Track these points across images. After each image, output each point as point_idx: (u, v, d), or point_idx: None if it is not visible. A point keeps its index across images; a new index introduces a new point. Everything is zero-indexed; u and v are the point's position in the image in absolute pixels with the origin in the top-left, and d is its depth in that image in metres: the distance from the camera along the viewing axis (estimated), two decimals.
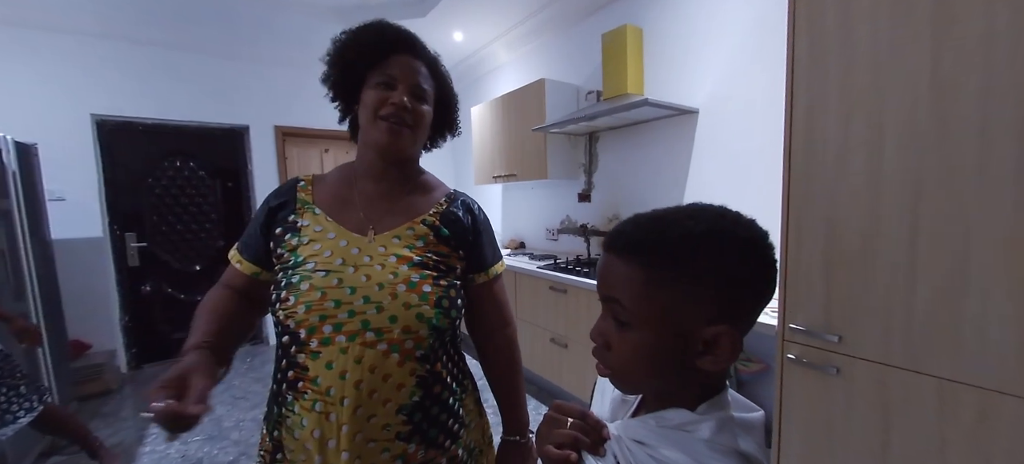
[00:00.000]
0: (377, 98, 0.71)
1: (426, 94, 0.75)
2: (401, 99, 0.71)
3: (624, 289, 0.42)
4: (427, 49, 0.79)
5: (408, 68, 0.73)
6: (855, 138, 0.99)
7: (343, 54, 0.75)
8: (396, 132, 0.72)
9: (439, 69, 0.81)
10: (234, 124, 3.44)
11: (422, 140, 0.79)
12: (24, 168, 2.20)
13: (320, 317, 0.65)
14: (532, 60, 3.30)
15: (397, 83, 0.72)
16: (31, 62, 2.74)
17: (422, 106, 0.75)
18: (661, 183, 2.37)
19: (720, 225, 0.42)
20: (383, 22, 0.75)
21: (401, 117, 0.71)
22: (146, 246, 3.24)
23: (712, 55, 2.08)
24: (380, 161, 0.76)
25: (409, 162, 0.80)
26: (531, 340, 2.63)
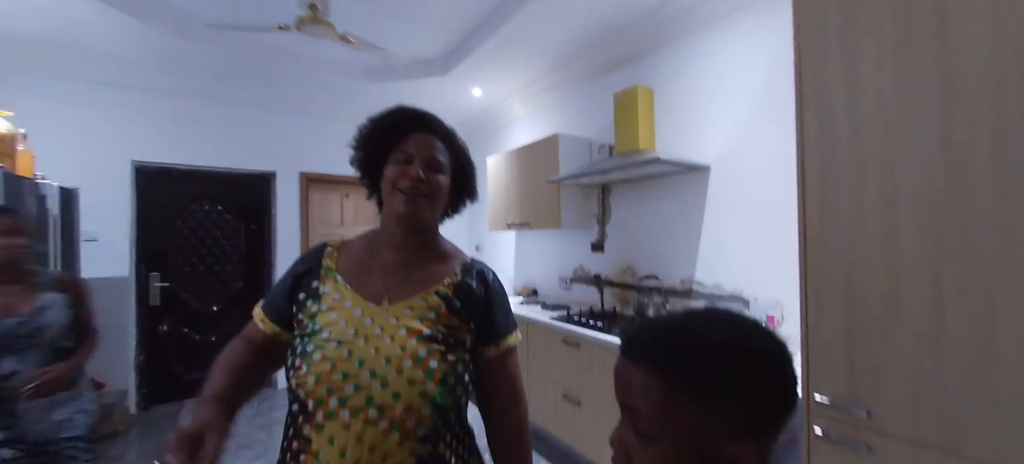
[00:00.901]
0: (396, 172, 0.76)
1: (442, 165, 0.79)
2: (417, 171, 0.75)
3: (642, 399, 0.41)
4: (442, 124, 0.84)
5: (423, 144, 0.78)
6: (869, 202, 0.99)
7: (367, 138, 0.81)
8: (413, 202, 0.75)
9: (455, 141, 0.85)
10: (263, 170, 3.62)
11: (440, 209, 0.82)
12: (65, 211, 2.33)
13: (328, 389, 0.66)
14: (546, 114, 3.43)
15: (413, 158, 0.77)
16: (80, 112, 2.97)
17: (437, 176, 0.78)
18: (675, 236, 2.37)
19: (738, 338, 0.41)
20: (401, 106, 0.82)
21: (418, 188, 0.75)
22: (168, 286, 3.33)
23: (722, 114, 2.13)
24: (400, 231, 0.79)
25: (428, 231, 0.83)
26: (542, 396, 2.54)
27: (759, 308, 1.97)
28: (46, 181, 2.18)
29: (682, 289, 2.32)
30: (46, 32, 2.55)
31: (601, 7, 2.32)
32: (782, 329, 1.87)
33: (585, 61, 2.89)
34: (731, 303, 2.09)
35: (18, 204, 1.89)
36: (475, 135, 4.47)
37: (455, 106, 3.92)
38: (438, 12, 2.52)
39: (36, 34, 2.57)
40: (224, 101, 3.46)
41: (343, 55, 3.01)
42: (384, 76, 3.34)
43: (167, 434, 2.86)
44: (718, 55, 2.16)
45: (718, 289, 2.15)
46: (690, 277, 2.28)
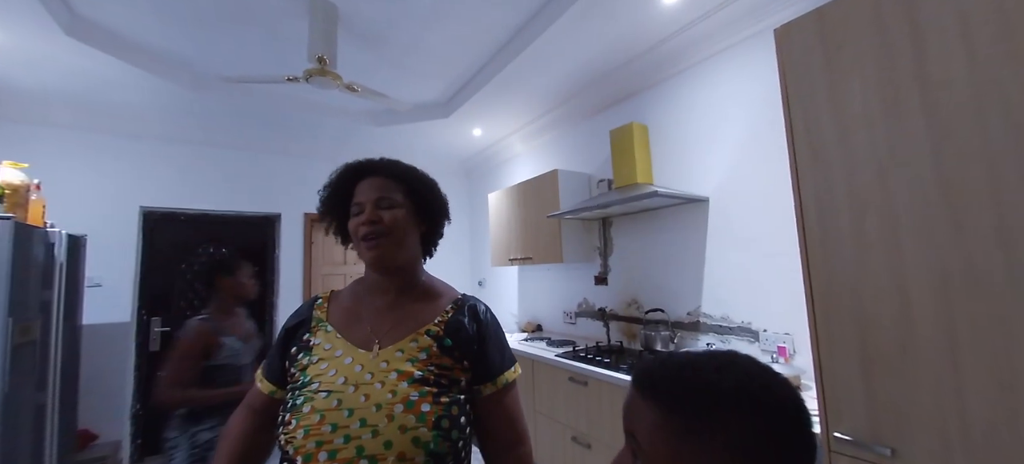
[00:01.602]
0: (353, 224, 0.78)
1: (392, 200, 0.79)
2: (368, 216, 0.76)
3: (641, 427, 0.42)
4: (387, 163, 0.84)
5: (369, 188, 0.79)
6: (870, 236, 1.00)
7: (327, 202, 0.84)
8: (374, 245, 0.76)
9: (401, 169, 0.83)
10: (268, 212, 3.67)
11: (408, 243, 0.80)
12: (71, 258, 2.35)
13: (316, 443, 0.64)
14: (545, 151, 3.51)
15: (364, 204, 0.78)
16: (92, 160, 3.06)
17: (388, 212, 0.77)
18: (678, 268, 2.36)
19: (748, 386, 0.40)
20: (347, 163, 0.84)
21: (374, 231, 0.76)
22: (169, 330, 3.29)
23: (717, 148, 2.18)
24: (379, 277, 0.80)
25: (407, 270, 0.82)
26: (551, 439, 2.46)
27: (768, 340, 1.93)
28: (55, 229, 2.21)
29: (689, 322, 2.29)
30: (64, 87, 2.66)
31: (595, 52, 2.42)
32: (794, 362, 1.83)
33: (581, 101, 2.98)
34: (739, 335, 2.06)
35: (26, 252, 1.91)
36: (476, 173, 4.55)
37: (456, 146, 4.02)
38: (439, 61, 2.64)
39: (54, 89, 2.69)
40: (232, 147, 3.56)
41: (347, 101, 3.12)
42: (387, 120, 3.44)
43: None
44: (710, 91, 2.23)
45: (726, 321, 2.12)
46: (696, 309, 2.26)
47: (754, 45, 2.03)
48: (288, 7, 2.07)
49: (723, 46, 2.15)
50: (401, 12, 2.15)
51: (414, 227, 0.82)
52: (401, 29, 2.30)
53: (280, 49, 2.42)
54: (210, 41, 2.35)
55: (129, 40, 2.32)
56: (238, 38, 2.32)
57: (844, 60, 1.05)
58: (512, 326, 3.83)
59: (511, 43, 2.44)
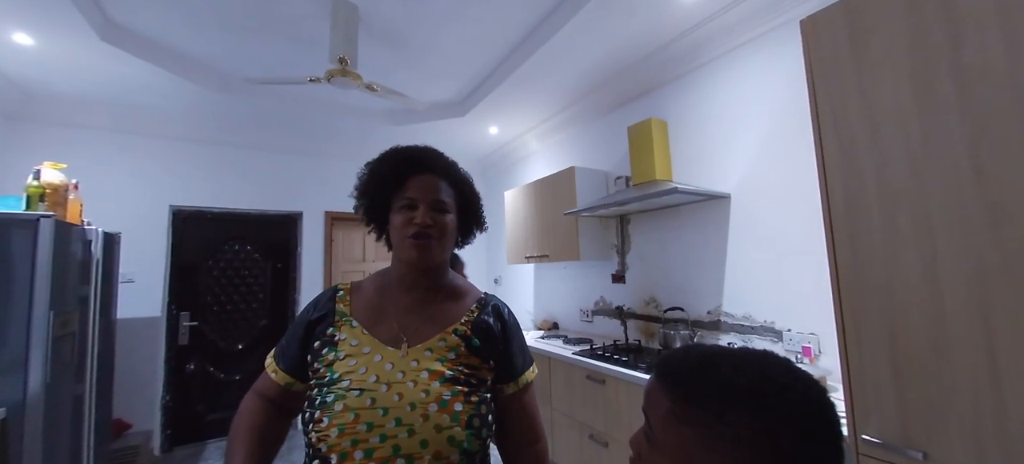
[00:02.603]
0: (403, 220, 0.76)
1: (446, 205, 0.78)
2: (424, 218, 0.75)
3: (654, 410, 0.44)
4: (442, 160, 0.82)
5: (425, 186, 0.77)
6: (903, 232, 0.97)
7: (368, 186, 0.81)
8: (424, 247, 0.75)
9: (457, 175, 0.83)
10: (290, 211, 3.77)
11: (450, 247, 0.81)
12: (106, 255, 2.46)
13: (352, 442, 0.64)
14: (561, 148, 3.50)
15: (418, 203, 0.76)
16: (124, 161, 3.19)
17: (444, 217, 0.78)
18: (698, 265, 2.33)
19: (762, 388, 0.39)
20: (397, 149, 0.81)
21: (426, 233, 0.75)
22: (197, 325, 3.41)
23: (739, 144, 2.14)
24: (411, 273, 0.79)
25: (439, 271, 0.82)
26: (566, 437, 2.46)
27: (793, 340, 1.89)
28: (91, 227, 2.31)
29: (709, 321, 2.26)
30: (99, 91, 2.78)
31: (613, 47, 2.40)
32: (820, 362, 1.78)
33: (598, 97, 2.96)
34: (762, 335, 2.02)
35: (65, 248, 2.00)
36: (492, 170, 4.57)
37: (472, 144, 4.04)
38: (456, 59, 2.66)
39: (90, 93, 2.81)
40: (256, 147, 3.66)
41: (367, 101, 3.17)
42: (404, 119, 3.49)
43: None
44: (731, 86, 2.19)
45: (748, 320, 2.09)
46: (717, 308, 2.22)
47: (777, 38, 1.98)
48: (310, 9, 2.11)
49: (745, 39, 2.11)
50: (419, 11, 2.18)
51: (455, 232, 0.82)
52: (419, 28, 2.32)
53: (302, 51, 2.47)
54: (235, 44, 2.42)
55: (160, 45, 2.41)
56: (262, 41, 2.39)
57: (874, 51, 1.02)
58: (528, 324, 3.83)
59: (528, 40, 2.44)
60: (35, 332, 1.84)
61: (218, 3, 2.07)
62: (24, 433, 1.79)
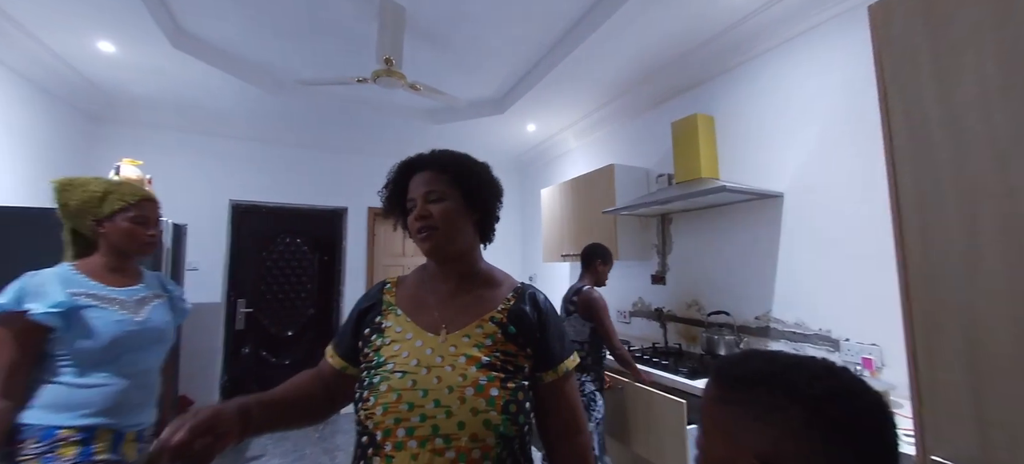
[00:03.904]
0: (410, 220, 0.82)
1: (439, 193, 0.80)
2: (419, 211, 0.79)
3: (702, 401, 0.48)
4: (439, 155, 0.84)
5: (419, 184, 0.81)
6: (986, 235, 0.87)
7: (387, 201, 0.88)
8: (427, 238, 0.79)
9: (450, 159, 0.84)
10: (336, 206, 3.95)
11: (463, 233, 0.82)
12: (175, 245, 2.68)
13: (395, 420, 0.68)
14: (600, 146, 3.44)
15: (416, 200, 0.81)
16: (189, 158, 3.46)
17: (436, 205, 0.79)
18: (745, 266, 2.22)
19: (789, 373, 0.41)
20: (401, 161, 0.87)
21: (425, 225, 0.79)
22: (252, 311, 3.65)
23: (792, 139, 2.01)
24: (439, 265, 0.83)
25: (464, 258, 0.84)
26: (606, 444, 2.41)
27: (851, 350, 1.76)
28: (163, 219, 2.52)
29: (757, 326, 2.14)
30: (169, 93, 3.03)
31: (657, 41, 2.33)
32: (883, 375, 1.65)
33: (640, 92, 2.88)
34: (816, 344, 1.89)
35: None
36: (529, 169, 4.57)
37: (510, 142, 4.06)
38: (497, 56, 2.67)
39: (161, 95, 3.07)
40: (306, 146, 3.87)
41: (409, 100, 3.26)
42: (444, 118, 3.55)
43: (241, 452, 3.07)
44: (785, 79, 2.06)
45: (800, 327, 1.96)
46: (766, 314, 2.11)
47: (838, 26, 1.85)
48: (359, 11, 2.20)
49: (801, 29, 1.98)
50: (463, 9, 2.21)
51: (465, 215, 0.82)
52: (462, 27, 2.36)
53: (350, 52, 2.58)
54: (289, 48, 2.56)
55: (223, 50, 2.60)
56: (313, 44, 2.51)
57: (955, 34, 0.92)
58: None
59: (569, 35, 2.42)
60: None
61: (274, 9, 2.20)
62: None
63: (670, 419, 1.85)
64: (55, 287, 1.09)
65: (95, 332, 1.10)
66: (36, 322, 1.05)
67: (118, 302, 1.18)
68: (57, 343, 1.09)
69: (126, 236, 1.20)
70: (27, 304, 1.05)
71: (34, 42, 2.29)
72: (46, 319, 1.05)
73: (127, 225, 1.20)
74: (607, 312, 2.08)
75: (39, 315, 1.05)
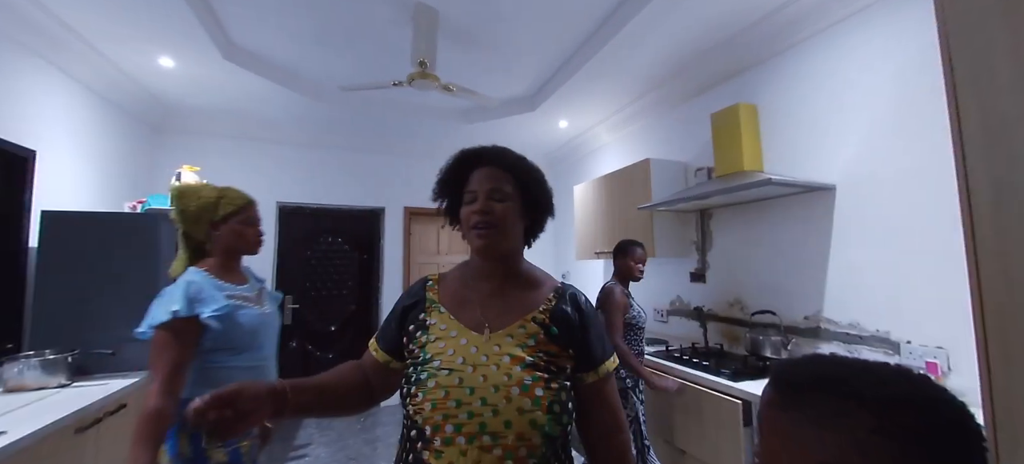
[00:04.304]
0: (466, 213, 0.82)
1: (503, 192, 0.81)
2: (481, 206, 0.79)
3: (761, 406, 0.46)
4: (501, 153, 0.86)
5: (483, 178, 0.82)
6: None
7: (442, 187, 0.88)
8: (484, 235, 0.79)
9: (515, 161, 0.85)
10: (374, 206, 4.09)
11: (515, 233, 0.83)
12: None
13: (443, 416, 0.69)
14: (634, 140, 3.36)
15: (478, 194, 0.81)
16: (240, 162, 3.68)
17: (500, 204, 0.80)
18: (792, 263, 2.10)
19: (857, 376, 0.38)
20: (463, 150, 0.87)
21: (485, 221, 0.79)
22: (298, 307, 3.85)
23: (845, 128, 1.89)
24: (485, 263, 0.84)
25: (511, 258, 0.85)
26: None
27: (913, 354, 1.64)
28: None
29: (806, 327, 2.03)
30: (222, 103, 3.23)
31: (696, 28, 2.24)
32: (949, 381, 1.52)
33: (677, 84, 2.79)
34: (873, 346, 1.77)
35: None
36: (560, 165, 4.53)
37: (541, 139, 4.04)
38: (528, 53, 2.67)
39: (215, 105, 3.27)
40: (345, 148, 4.02)
41: (442, 101, 3.31)
42: (476, 117, 3.59)
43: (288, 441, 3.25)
44: (836, 63, 1.93)
45: (855, 328, 1.84)
46: (816, 314, 1.99)
47: (893, 6, 1.71)
48: (394, 16, 2.25)
49: (853, 9, 1.85)
50: (494, 8, 2.21)
51: (520, 219, 0.84)
52: (493, 26, 2.37)
53: (386, 57, 2.65)
54: (329, 55, 2.67)
55: (268, 60, 2.74)
56: (351, 50, 2.60)
57: None
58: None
59: (603, 27, 2.37)
60: None
61: (316, 19, 2.29)
62: None
63: (726, 420, 1.79)
64: (214, 292, 1.21)
65: (240, 327, 1.22)
66: (203, 324, 1.16)
67: (248, 299, 1.30)
68: (208, 340, 1.20)
69: (237, 237, 1.30)
70: (198, 309, 1.15)
71: (103, 59, 2.51)
72: (212, 322, 1.16)
73: (238, 227, 1.31)
74: (619, 307, 2.08)
75: (207, 318, 1.16)
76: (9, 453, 1.26)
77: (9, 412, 1.52)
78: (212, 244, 1.30)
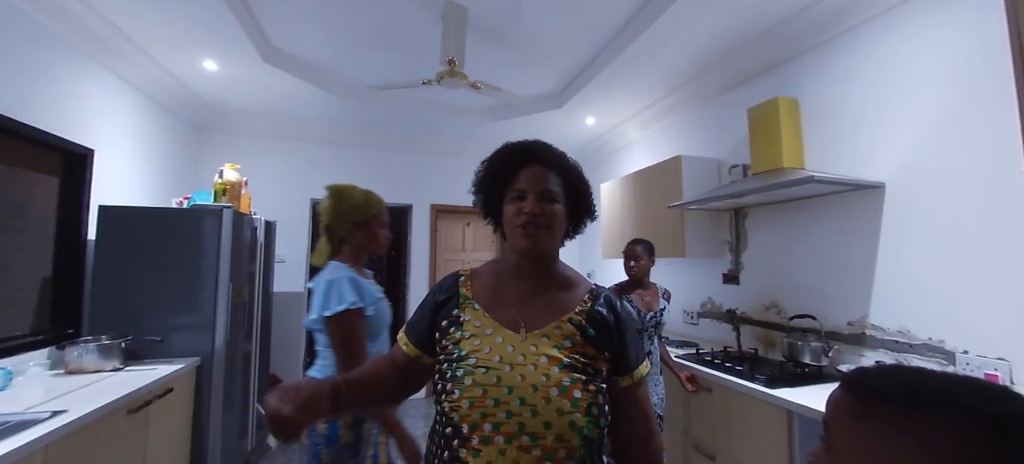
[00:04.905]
0: (513, 210, 0.79)
1: (554, 194, 0.79)
2: (532, 208, 0.77)
3: (833, 414, 0.42)
4: (550, 151, 0.83)
5: (534, 177, 0.79)
6: None
7: (484, 181, 0.86)
8: (533, 236, 0.77)
9: (565, 165, 0.84)
10: (402, 203, 4.16)
11: (559, 236, 0.82)
12: (267, 239, 2.98)
13: (481, 414, 0.68)
14: (664, 137, 3.27)
15: (527, 193, 0.78)
16: (277, 160, 3.82)
17: (552, 206, 0.78)
18: (835, 265, 2.00)
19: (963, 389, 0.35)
20: (508, 144, 0.84)
21: (535, 221, 0.77)
22: None
23: (895, 123, 1.77)
24: (524, 262, 0.82)
25: (549, 259, 0.84)
26: (669, 445, 2.31)
27: (971, 364, 1.52)
28: (257, 216, 2.82)
29: (850, 333, 1.92)
30: (261, 103, 3.37)
31: (732, 19, 2.16)
32: None
33: (711, 78, 2.70)
34: (924, 355, 1.66)
35: (240, 234, 2.47)
36: (587, 163, 4.45)
37: (567, 137, 4.00)
38: (557, 47, 2.64)
39: (254, 105, 3.41)
40: (374, 147, 4.11)
41: (469, 99, 3.33)
42: (503, 115, 3.59)
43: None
44: (884, 55, 1.81)
45: (905, 335, 1.73)
46: (862, 319, 1.88)
47: None
48: (424, 15, 2.28)
49: None
50: (522, 4, 2.20)
51: (565, 223, 0.82)
52: (521, 22, 2.36)
53: (415, 56, 2.68)
54: (361, 56, 2.73)
55: (304, 62, 2.83)
56: (382, 50, 2.65)
57: None
58: None
59: (633, 21, 2.32)
60: (220, 300, 2.31)
61: (348, 21, 2.35)
62: (212, 377, 2.27)
63: (767, 428, 1.72)
64: (369, 286, 1.36)
65: (380, 318, 1.38)
66: (365, 315, 1.30)
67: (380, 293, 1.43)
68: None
69: (373, 238, 1.43)
70: (362, 303, 1.28)
71: (153, 63, 2.66)
72: (370, 311, 1.31)
73: (375, 228, 1.43)
74: None
75: (369, 310, 1.31)
76: (70, 431, 1.36)
77: (70, 392, 1.64)
78: (348, 241, 1.41)
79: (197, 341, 2.26)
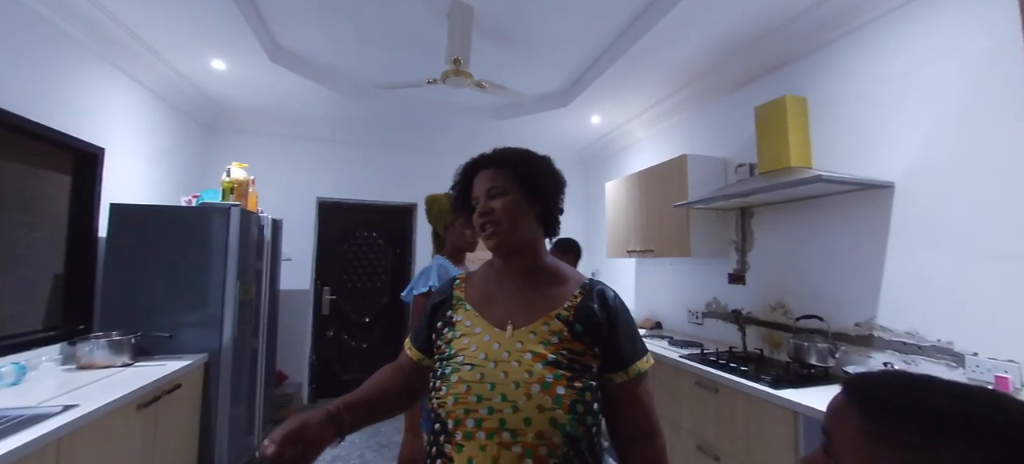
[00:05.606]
0: (474, 218, 0.83)
1: (499, 188, 0.81)
2: (481, 208, 0.81)
3: (837, 426, 0.40)
4: (498, 152, 0.86)
5: (481, 180, 0.83)
6: None
7: (456, 203, 0.90)
8: (492, 234, 0.81)
9: (513, 155, 0.84)
10: (407, 202, 4.18)
11: (524, 225, 0.81)
12: (273, 237, 3.01)
13: (464, 410, 0.70)
14: (670, 135, 3.26)
15: (478, 198, 0.83)
16: (284, 159, 3.85)
17: (496, 200, 0.80)
18: (842, 266, 1.98)
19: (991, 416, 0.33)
20: (466, 162, 0.88)
21: (487, 221, 0.80)
22: (335, 298, 4.00)
23: (905, 122, 1.75)
24: (503, 261, 0.84)
25: (530, 253, 0.83)
26: (672, 445, 2.31)
27: (980, 367, 1.50)
28: (264, 215, 2.84)
29: (857, 334, 1.91)
30: (267, 103, 3.39)
31: (740, 17, 2.14)
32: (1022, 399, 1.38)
33: (718, 76, 2.68)
34: (933, 357, 1.64)
35: (247, 232, 2.50)
36: (592, 162, 4.46)
37: (573, 135, 3.99)
38: (562, 46, 2.63)
39: (261, 104, 3.45)
40: (380, 145, 4.13)
41: (474, 98, 3.33)
42: (507, 113, 3.58)
43: None
44: (894, 54, 1.79)
45: (913, 337, 1.71)
46: (869, 321, 1.86)
47: None
48: (430, 14, 2.28)
49: None
50: (527, 3, 2.19)
51: (527, 208, 0.82)
52: (526, 21, 2.35)
53: (421, 55, 2.69)
54: (367, 55, 2.74)
55: (310, 61, 2.85)
56: (388, 49, 2.66)
57: None
58: None
59: (639, 19, 2.30)
60: (228, 296, 2.34)
61: (355, 20, 2.36)
62: (219, 373, 2.30)
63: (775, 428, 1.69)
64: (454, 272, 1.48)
65: None
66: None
67: None
68: None
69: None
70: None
71: (163, 63, 2.69)
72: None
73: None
74: None
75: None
76: (81, 425, 1.38)
77: (81, 387, 1.67)
78: (446, 239, 1.66)
79: (205, 338, 2.29)
